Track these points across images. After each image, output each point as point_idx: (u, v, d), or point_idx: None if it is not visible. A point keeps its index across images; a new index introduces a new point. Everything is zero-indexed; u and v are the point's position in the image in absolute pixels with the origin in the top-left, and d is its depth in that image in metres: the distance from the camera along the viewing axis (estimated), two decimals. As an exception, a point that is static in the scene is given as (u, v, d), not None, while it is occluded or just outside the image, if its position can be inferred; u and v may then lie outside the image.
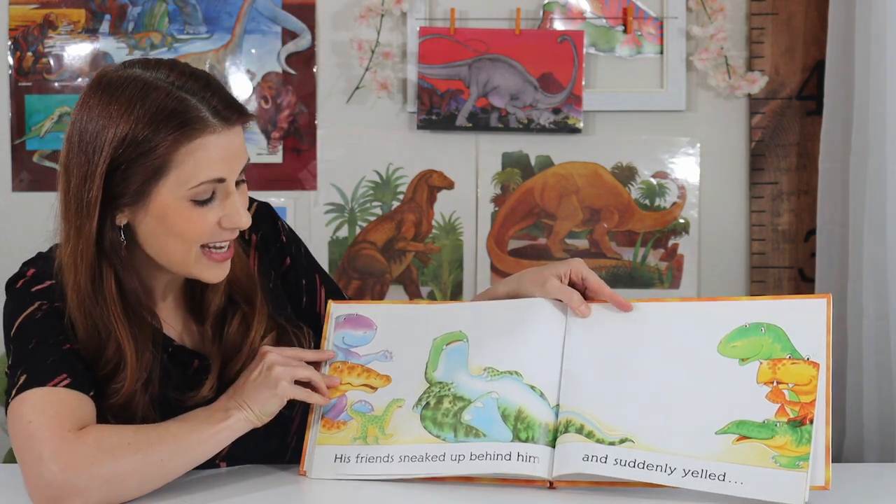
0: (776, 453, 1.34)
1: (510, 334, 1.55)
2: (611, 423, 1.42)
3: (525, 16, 2.61)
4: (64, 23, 2.66)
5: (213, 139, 1.45)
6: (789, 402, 1.37)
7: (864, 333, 2.23)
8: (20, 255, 2.65)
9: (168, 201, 1.46)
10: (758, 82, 2.58)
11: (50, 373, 1.45)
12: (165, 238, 1.49)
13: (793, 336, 1.43)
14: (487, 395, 1.49)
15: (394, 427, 1.50)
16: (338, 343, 1.61)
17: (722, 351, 1.44)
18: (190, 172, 1.45)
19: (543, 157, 2.64)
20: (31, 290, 1.52)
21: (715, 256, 2.65)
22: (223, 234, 1.50)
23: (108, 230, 1.48)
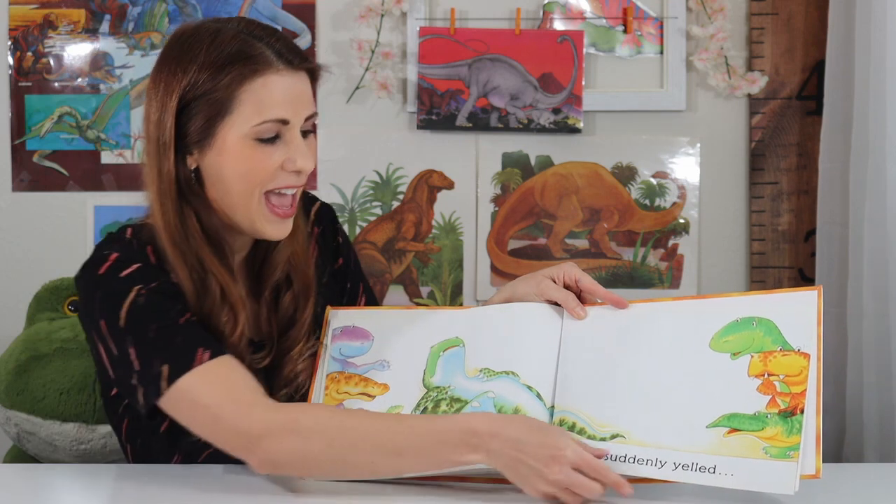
0: (767, 444, 1.34)
1: (506, 336, 1.55)
2: (602, 420, 1.42)
3: (525, 16, 2.62)
4: (64, 23, 2.66)
5: (276, 79, 1.49)
6: (780, 394, 1.37)
7: (864, 333, 2.23)
8: (20, 255, 2.67)
9: (232, 140, 1.49)
10: (758, 82, 2.58)
11: (188, 353, 1.44)
12: (230, 180, 1.51)
13: (784, 328, 1.42)
14: (484, 395, 1.49)
15: None
16: (335, 355, 1.61)
17: (714, 346, 1.44)
18: (253, 110, 1.48)
19: (543, 157, 2.64)
20: (119, 276, 1.50)
21: (715, 256, 2.65)
22: (287, 177, 1.52)
23: (183, 170, 1.52)
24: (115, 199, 2.66)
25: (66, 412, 2.09)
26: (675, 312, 1.50)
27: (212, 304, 1.52)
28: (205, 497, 1.44)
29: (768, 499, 1.38)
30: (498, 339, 1.55)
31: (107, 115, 2.65)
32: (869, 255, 2.23)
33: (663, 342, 1.47)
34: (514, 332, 1.55)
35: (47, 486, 1.52)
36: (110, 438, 2.11)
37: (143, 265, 1.51)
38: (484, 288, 2.63)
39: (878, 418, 2.22)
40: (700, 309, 1.49)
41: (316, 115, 1.56)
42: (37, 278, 2.35)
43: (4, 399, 2.15)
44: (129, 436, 1.61)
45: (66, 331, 2.16)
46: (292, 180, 1.53)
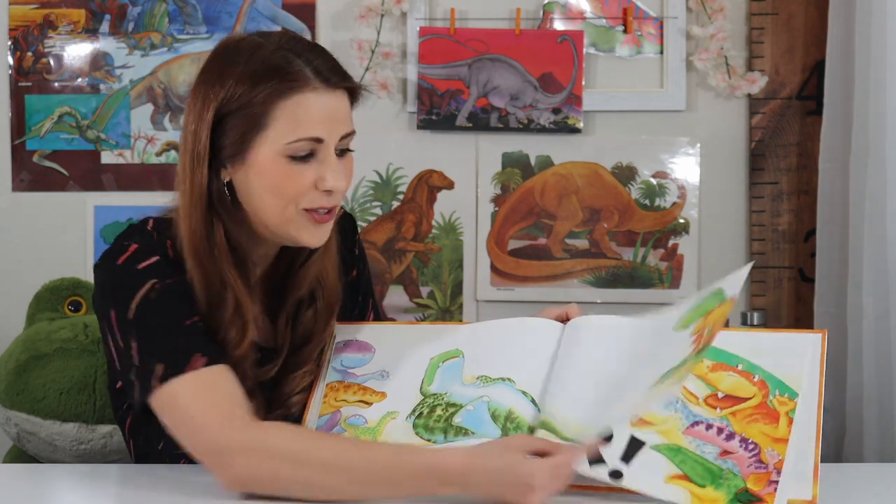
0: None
1: (504, 346, 1.56)
2: (578, 423, 1.42)
3: (525, 16, 2.61)
4: (64, 23, 2.66)
5: (313, 97, 1.48)
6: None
7: (864, 333, 2.23)
8: (20, 255, 2.67)
9: (266, 156, 1.49)
10: (758, 82, 2.58)
11: (184, 356, 1.44)
12: (262, 194, 1.51)
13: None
14: (479, 399, 1.49)
15: (386, 437, 1.50)
16: (336, 366, 1.62)
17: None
18: (288, 128, 1.47)
19: (543, 157, 2.64)
20: (136, 268, 1.50)
21: (715, 256, 2.65)
22: (319, 197, 1.51)
23: (216, 183, 1.52)
24: (115, 199, 2.66)
25: (66, 412, 2.09)
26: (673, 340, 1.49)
27: (223, 317, 1.52)
28: (204, 498, 1.44)
29: None
30: (496, 349, 1.56)
31: (107, 115, 2.65)
32: (869, 255, 2.22)
33: (661, 358, 1.46)
34: (512, 342, 1.56)
35: (47, 486, 1.52)
36: (110, 438, 2.11)
37: (161, 258, 1.52)
38: (484, 288, 2.63)
39: (878, 418, 2.22)
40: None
41: (353, 135, 1.54)
42: (37, 278, 2.35)
43: (4, 399, 2.15)
44: (132, 431, 1.62)
45: (66, 331, 2.16)
46: (324, 201, 1.52)
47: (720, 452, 1.38)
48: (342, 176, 1.51)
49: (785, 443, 1.38)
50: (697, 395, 1.43)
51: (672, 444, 1.39)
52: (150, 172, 2.66)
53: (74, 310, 2.26)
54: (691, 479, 1.36)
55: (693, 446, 1.39)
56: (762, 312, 2.45)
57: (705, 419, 1.41)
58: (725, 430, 1.40)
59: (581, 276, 2.65)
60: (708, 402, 1.42)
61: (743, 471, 1.36)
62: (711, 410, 1.41)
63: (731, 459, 1.37)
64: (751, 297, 2.63)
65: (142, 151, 2.66)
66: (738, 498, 1.34)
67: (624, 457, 1.38)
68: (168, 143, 2.66)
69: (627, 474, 1.36)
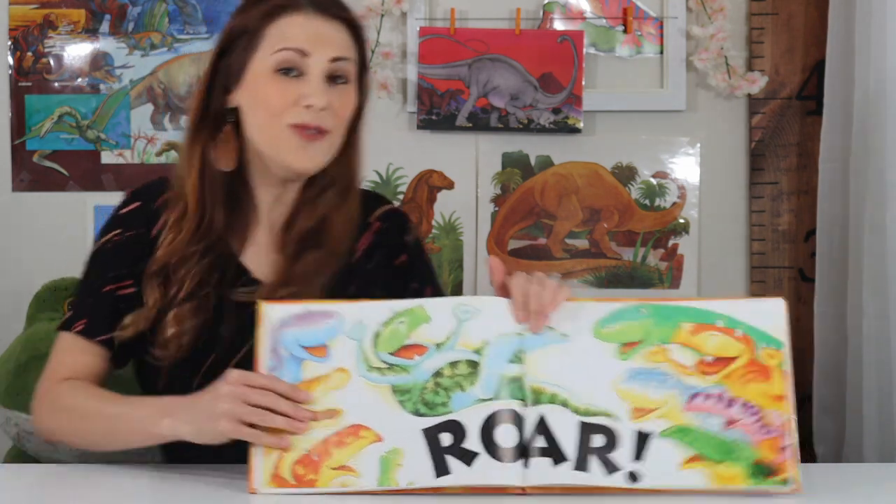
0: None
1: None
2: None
3: (525, 16, 2.61)
4: (64, 23, 2.66)
5: (302, 19, 1.58)
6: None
7: (864, 333, 2.23)
8: (20, 255, 2.66)
9: (258, 71, 1.58)
10: (758, 82, 2.58)
11: (76, 316, 1.62)
12: (255, 111, 1.59)
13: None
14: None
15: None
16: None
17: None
18: (274, 41, 1.57)
19: (543, 157, 2.64)
20: (119, 213, 1.67)
21: (715, 256, 2.65)
22: (303, 113, 1.56)
23: (216, 104, 1.62)
24: (115, 199, 2.61)
25: (66, 412, 2.09)
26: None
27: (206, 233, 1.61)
28: (204, 497, 1.44)
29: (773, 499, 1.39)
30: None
31: (107, 115, 2.65)
32: (869, 255, 2.22)
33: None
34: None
35: (47, 486, 1.52)
36: (110, 438, 2.11)
37: (142, 204, 1.66)
38: (484, 288, 2.63)
39: (878, 418, 2.22)
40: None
41: (345, 61, 1.60)
42: (37, 278, 2.35)
43: (4, 399, 2.15)
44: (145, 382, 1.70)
45: (66, 331, 2.16)
46: (307, 117, 1.56)
47: (725, 423, 1.38)
48: (323, 94, 1.56)
49: (783, 399, 1.39)
50: (686, 365, 1.42)
51: (677, 426, 1.39)
52: (151, 172, 2.66)
53: (74, 310, 2.26)
54: (705, 456, 1.36)
55: (698, 422, 1.39)
56: (762, 312, 2.45)
57: (702, 389, 1.40)
58: (725, 396, 1.40)
59: (581, 276, 2.65)
60: (700, 368, 1.41)
61: (752, 438, 1.37)
62: (705, 378, 1.41)
63: (739, 428, 1.38)
64: (751, 297, 2.63)
65: (142, 151, 2.66)
66: (756, 471, 1.35)
67: (636, 456, 1.38)
68: (168, 143, 2.66)
69: (644, 473, 1.37)
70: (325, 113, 1.57)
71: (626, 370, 1.42)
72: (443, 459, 1.39)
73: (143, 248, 1.62)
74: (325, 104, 1.56)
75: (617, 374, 1.42)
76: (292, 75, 1.57)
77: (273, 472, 1.39)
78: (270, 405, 1.39)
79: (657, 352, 1.42)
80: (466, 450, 1.39)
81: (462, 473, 1.39)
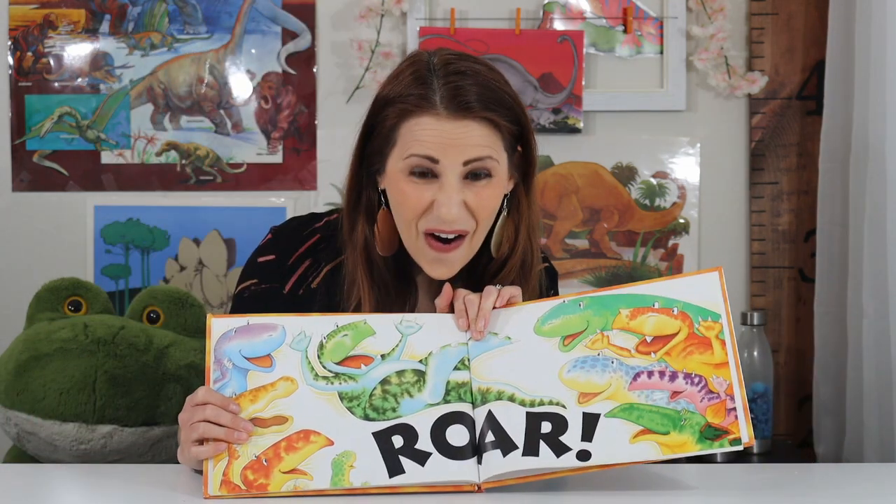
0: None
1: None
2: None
3: (525, 16, 2.61)
4: (64, 23, 2.66)
5: (432, 121, 1.53)
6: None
7: (864, 333, 2.23)
8: (20, 255, 2.66)
9: (393, 170, 1.57)
10: (758, 82, 2.58)
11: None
12: (395, 207, 1.60)
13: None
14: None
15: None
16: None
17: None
18: (407, 144, 1.54)
19: (543, 157, 2.64)
20: (257, 261, 1.69)
21: (715, 256, 2.65)
22: (434, 220, 1.55)
23: (368, 188, 1.63)
24: (115, 199, 2.66)
25: (66, 412, 2.09)
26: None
27: (348, 307, 1.62)
28: (204, 498, 1.44)
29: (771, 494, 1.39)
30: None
31: (107, 115, 2.65)
32: (869, 255, 2.23)
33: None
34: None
35: (47, 486, 1.52)
36: (110, 438, 2.11)
37: (276, 258, 1.67)
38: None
39: (878, 418, 2.22)
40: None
41: (484, 160, 1.54)
42: (37, 278, 2.35)
43: (4, 399, 2.15)
44: None
45: (66, 331, 2.16)
46: (439, 224, 1.55)
47: (670, 395, 1.40)
48: (455, 203, 1.53)
49: (726, 366, 1.41)
50: (628, 348, 1.44)
51: (623, 405, 1.40)
52: (150, 172, 2.66)
53: (74, 310, 2.26)
54: (653, 430, 1.38)
55: (643, 398, 1.40)
56: (762, 312, 2.45)
57: (644, 368, 1.42)
58: (666, 371, 1.42)
59: (581, 276, 2.65)
60: (640, 350, 1.44)
61: (698, 406, 1.39)
62: (646, 357, 1.43)
63: (683, 399, 1.39)
64: (751, 297, 2.63)
65: (142, 151, 2.66)
66: (705, 435, 1.36)
67: (584, 437, 1.39)
68: (168, 143, 2.66)
69: (594, 452, 1.37)
70: (460, 216, 1.55)
71: (569, 360, 1.45)
72: (396, 460, 1.40)
73: (278, 301, 1.63)
74: (457, 214, 1.54)
75: (560, 366, 1.44)
76: (428, 177, 1.55)
77: (223, 478, 1.40)
78: (211, 418, 1.42)
79: (598, 339, 1.45)
80: (419, 450, 1.40)
81: (416, 473, 1.39)
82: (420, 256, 1.59)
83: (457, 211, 1.53)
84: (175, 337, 2.22)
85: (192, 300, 2.29)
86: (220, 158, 2.66)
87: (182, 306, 2.27)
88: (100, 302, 2.29)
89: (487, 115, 1.54)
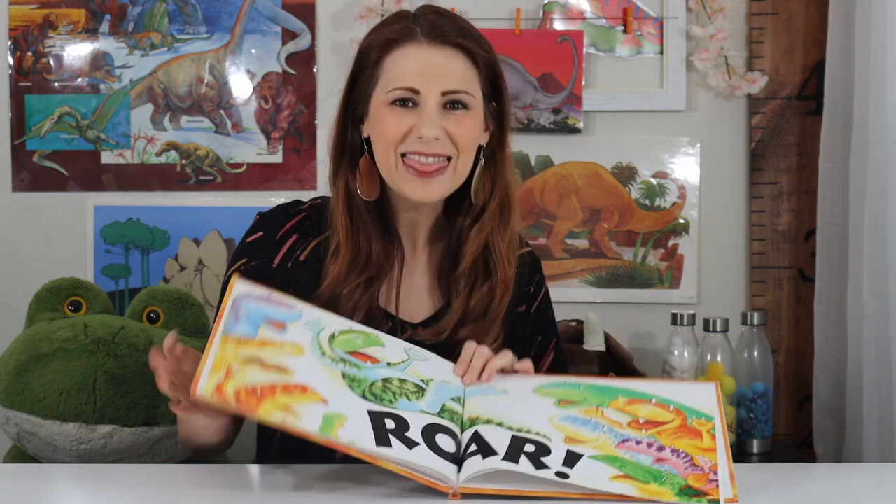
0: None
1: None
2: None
3: (525, 16, 2.61)
4: (64, 23, 2.66)
5: (414, 49, 1.62)
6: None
7: (864, 333, 2.23)
8: (20, 255, 2.67)
9: (377, 105, 1.64)
10: (758, 82, 2.57)
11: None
12: (376, 142, 1.65)
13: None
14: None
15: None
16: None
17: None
18: (390, 78, 1.63)
19: (543, 157, 2.64)
20: (245, 241, 1.72)
21: (715, 256, 2.65)
22: (414, 142, 1.61)
23: (352, 136, 1.69)
24: (115, 199, 2.66)
25: (66, 412, 2.09)
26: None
27: (364, 263, 1.65)
28: (204, 497, 1.44)
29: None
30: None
31: (107, 115, 2.66)
32: (869, 255, 2.23)
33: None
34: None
35: (47, 486, 1.52)
36: (110, 438, 2.11)
37: (264, 234, 1.70)
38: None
39: (878, 418, 2.22)
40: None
41: (460, 93, 1.62)
42: (37, 278, 2.35)
43: (4, 399, 2.15)
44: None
45: (66, 331, 2.16)
46: (419, 146, 1.61)
47: (655, 460, 1.40)
48: (434, 124, 1.60)
49: (713, 451, 1.42)
50: (621, 422, 1.46)
51: (608, 455, 1.41)
52: (150, 172, 2.66)
53: (74, 310, 2.26)
54: (634, 477, 1.37)
55: (628, 456, 1.41)
56: (762, 312, 2.45)
57: (633, 437, 1.44)
58: (655, 444, 1.43)
59: (581, 276, 2.65)
60: (632, 426, 1.45)
61: (681, 472, 1.38)
62: (637, 432, 1.45)
63: (668, 464, 1.40)
64: (751, 297, 2.63)
65: (142, 151, 2.66)
66: (683, 492, 1.36)
67: (565, 463, 1.38)
68: (168, 143, 2.66)
69: (573, 474, 1.37)
70: (440, 142, 1.61)
71: (562, 414, 1.47)
72: (386, 435, 1.39)
73: (268, 276, 1.64)
74: (436, 134, 1.61)
75: (553, 414, 1.47)
76: (408, 106, 1.62)
77: (216, 385, 1.37)
78: (169, 376, 1.51)
79: (592, 410, 1.48)
80: (408, 437, 1.40)
81: (402, 451, 1.38)
82: (402, 182, 1.63)
83: (436, 131, 1.60)
84: (175, 337, 2.21)
85: (192, 300, 2.29)
86: (220, 158, 2.66)
87: (182, 306, 2.27)
88: (100, 302, 2.29)
89: (464, 44, 1.64)
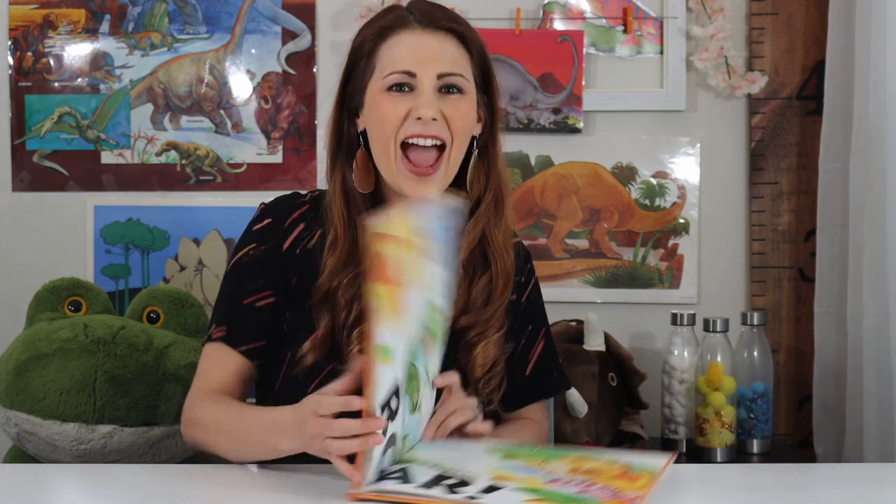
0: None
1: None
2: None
3: (525, 16, 2.61)
4: (64, 23, 2.66)
5: (408, 35, 1.65)
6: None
7: (864, 333, 2.23)
8: (20, 255, 2.67)
9: (373, 93, 1.65)
10: (758, 82, 2.57)
11: (218, 326, 1.69)
12: (372, 130, 1.66)
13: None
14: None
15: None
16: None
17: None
18: (386, 64, 1.65)
19: (543, 157, 2.64)
20: (252, 229, 1.73)
21: (715, 256, 2.65)
22: (413, 125, 1.62)
23: (348, 127, 1.70)
24: (115, 199, 2.66)
25: (66, 412, 2.09)
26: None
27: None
28: (204, 497, 1.44)
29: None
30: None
31: (107, 115, 2.66)
32: (869, 255, 2.23)
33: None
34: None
35: (47, 486, 1.52)
36: (110, 438, 2.11)
37: (272, 221, 1.71)
38: (484, 288, 2.63)
39: (877, 418, 2.22)
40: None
41: (456, 76, 1.64)
42: (37, 278, 2.34)
43: (4, 399, 2.15)
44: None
45: (66, 331, 2.16)
46: (418, 128, 1.62)
47: (579, 491, 1.37)
48: (431, 105, 1.61)
49: (648, 488, 1.37)
50: (560, 470, 1.44)
51: (532, 487, 1.38)
52: (150, 172, 2.66)
53: (74, 310, 2.26)
54: (550, 500, 1.34)
55: (552, 488, 1.38)
56: (762, 312, 2.45)
57: (567, 478, 1.41)
58: (587, 482, 1.39)
59: (581, 276, 2.65)
60: (570, 473, 1.43)
61: (602, 498, 1.34)
62: (574, 475, 1.42)
63: (590, 493, 1.36)
64: (751, 297, 2.63)
65: (142, 151, 2.66)
66: None
67: (483, 491, 1.35)
68: (168, 143, 2.66)
69: (486, 498, 1.34)
70: (437, 124, 1.62)
71: (503, 464, 1.45)
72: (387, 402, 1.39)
73: (277, 261, 1.69)
74: (434, 114, 1.62)
75: (494, 464, 1.44)
76: (404, 90, 1.63)
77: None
78: (341, 433, 1.38)
79: (536, 461, 1.47)
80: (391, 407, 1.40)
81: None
82: (400, 178, 1.64)
83: (433, 112, 1.61)
84: (175, 337, 2.22)
85: (192, 300, 2.29)
86: (220, 158, 2.66)
87: (182, 306, 2.27)
88: (100, 302, 2.29)
89: (457, 28, 1.67)
